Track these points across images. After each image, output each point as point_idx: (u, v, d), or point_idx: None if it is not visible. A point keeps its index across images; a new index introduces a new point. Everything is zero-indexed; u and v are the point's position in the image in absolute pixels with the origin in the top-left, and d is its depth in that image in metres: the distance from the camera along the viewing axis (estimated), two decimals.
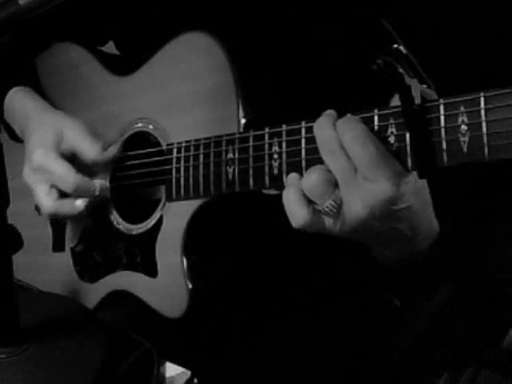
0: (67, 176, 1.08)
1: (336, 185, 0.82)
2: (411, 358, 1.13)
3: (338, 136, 0.81)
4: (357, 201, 0.81)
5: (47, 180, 1.10)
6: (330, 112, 0.84)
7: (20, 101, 1.21)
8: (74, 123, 1.13)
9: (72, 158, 1.11)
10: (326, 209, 0.82)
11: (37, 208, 1.17)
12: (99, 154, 1.10)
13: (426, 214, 0.87)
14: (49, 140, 1.11)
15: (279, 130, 0.89)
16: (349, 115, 0.82)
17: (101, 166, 1.12)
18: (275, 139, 0.89)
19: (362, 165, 0.79)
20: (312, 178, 0.82)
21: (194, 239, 1.03)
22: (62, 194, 1.10)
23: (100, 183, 1.10)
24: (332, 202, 0.82)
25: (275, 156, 0.89)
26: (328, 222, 0.84)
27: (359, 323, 1.11)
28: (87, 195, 1.09)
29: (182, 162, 1.02)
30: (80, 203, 1.10)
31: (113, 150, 1.11)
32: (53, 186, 1.09)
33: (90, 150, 1.10)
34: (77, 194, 1.09)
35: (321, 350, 1.09)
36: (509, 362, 1.16)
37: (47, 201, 1.09)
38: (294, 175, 0.86)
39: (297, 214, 0.84)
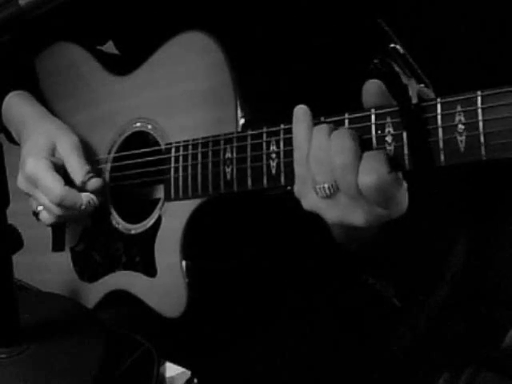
0: (54, 188, 1.08)
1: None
2: (411, 357, 1.13)
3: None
4: (360, 214, 0.81)
5: (38, 188, 1.10)
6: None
7: (17, 105, 1.21)
8: (68, 139, 1.13)
9: (64, 168, 1.12)
10: (318, 188, 0.81)
11: (34, 214, 1.17)
12: (85, 178, 1.10)
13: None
14: (42, 148, 1.11)
15: (277, 129, 0.89)
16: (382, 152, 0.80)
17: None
18: (273, 138, 0.89)
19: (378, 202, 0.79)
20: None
21: (193, 239, 1.03)
22: None
23: (87, 197, 1.10)
24: (327, 185, 0.81)
25: (273, 155, 0.89)
26: (322, 204, 0.83)
27: (359, 323, 1.11)
28: (73, 208, 1.09)
29: (181, 161, 1.02)
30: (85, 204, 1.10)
31: (97, 183, 1.11)
32: None
33: (77, 174, 1.10)
34: (63, 205, 1.09)
35: (321, 350, 1.09)
36: (509, 362, 1.15)
37: (54, 205, 1.09)
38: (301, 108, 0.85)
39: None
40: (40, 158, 1.10)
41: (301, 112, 0.85)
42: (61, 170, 1.11)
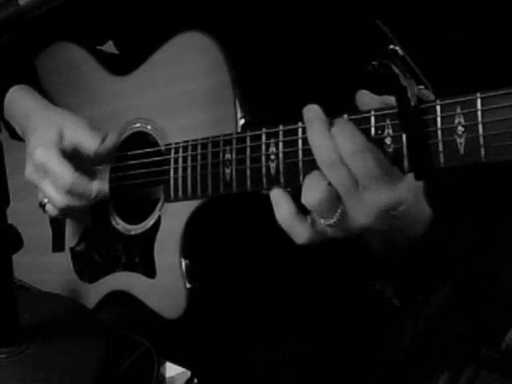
0: (64, 174, 1.07)
1: (339, 198, 0.81)
2: (411, 358, 1.13)
3: (335, 147, 0.80)
4: (360, 211, 0.81)
5: (48, 177, 1.10)
6: (319, 115, 0.83)
7: (20, 99, 1.21)
8: (74, 119, 1.12)
9: (73, 156, 1.10)
10: (332, 223, 0.82)
11: (41, 205, 1.17)
12: (99, 145, 1.09)
13: (419, 205, 0.87)
14: (50, 138, 1.10)
15: (276, 130, 0.89)
16: (344, 117, 0.82)
17: (102, 160, 1.11)
18: (272, 140, 0.89)
19: (362, 177, 0.79)
20: (316, 197, 0.81)
21: (192, 240, 1.03)
22: None
23: (98, 186, 1.09)
24: (338, 216, 0.82)
25: (272, 157, 0.89)
26: (331, 231, 0.84)
27: (359, 323, 1.11)
28: (83, 196, 1.09)
29: (180, 162, 1.02)
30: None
31: (112, 139, 1.09)
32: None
33: (90, 143, 1.09)
34: (73, 192, 1.08)
35: (321, 350, 1.09)
36: (509, 362, 1.15)
37: (58, 195, 1.09)
38: (277, 192, 0.86)
39: (298, 231, 0.84)
40: (49, 147, 1.10)
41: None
42: (70, 158, 1.10)
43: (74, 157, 1.10)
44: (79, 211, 1.13)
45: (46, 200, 1.13)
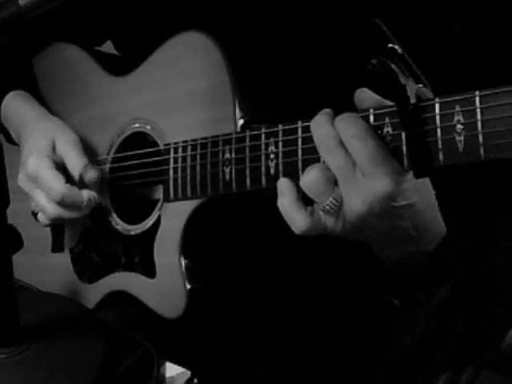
0: (55, 185, 1.08)
1: (335, 182, 0.82)
2: (411, 357, 1.13)
3: (336, 133, 0.81)
4: (356, 197, 0.81)
5: (39, 187, 1.10)
6: (327, 110, 0.84)
7: (17, 106, 1.21)
8: (67, 136, 1.13)
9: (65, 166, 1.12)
10: (326, 207, 0.82)
11: (33, 213, 1.17)
12: (82, 171, 1.09)
13: (430, 213, 0.87)
14: (43, 147, 1.11)
15: (275, 129, 0.89)
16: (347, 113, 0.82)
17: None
18: (271, 139, 0.89)
19: (362, 160, 0.79)
20: (311, 176, 0.82)
21: (192, 239, 1.03)
22: None
23: (88, 195, 1.09)
24: (332, 200, 0.82)
25: (272, 156, 0.89)
26: (329, 221, 0.84)
27: (359, 323, 1.11)
28: (74, 206, 1.09)
29: (180, 162, 1.02)
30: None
31: (94, 174, 1.10)
32: None
33: (74, 167, 1.10)
34: (63, 204, 1.09)
35: (321, 350, 1.09)
36: (509, 362, 1.15)
37: (50, 206, 1.09)
38: (283, 180, 0.87)
39: (296, 218, 0.84)
40: (42, 157, 1.10)
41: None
42: (62, 168, 1.11)
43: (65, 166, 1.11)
44: (73, 220, 1.14)
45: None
